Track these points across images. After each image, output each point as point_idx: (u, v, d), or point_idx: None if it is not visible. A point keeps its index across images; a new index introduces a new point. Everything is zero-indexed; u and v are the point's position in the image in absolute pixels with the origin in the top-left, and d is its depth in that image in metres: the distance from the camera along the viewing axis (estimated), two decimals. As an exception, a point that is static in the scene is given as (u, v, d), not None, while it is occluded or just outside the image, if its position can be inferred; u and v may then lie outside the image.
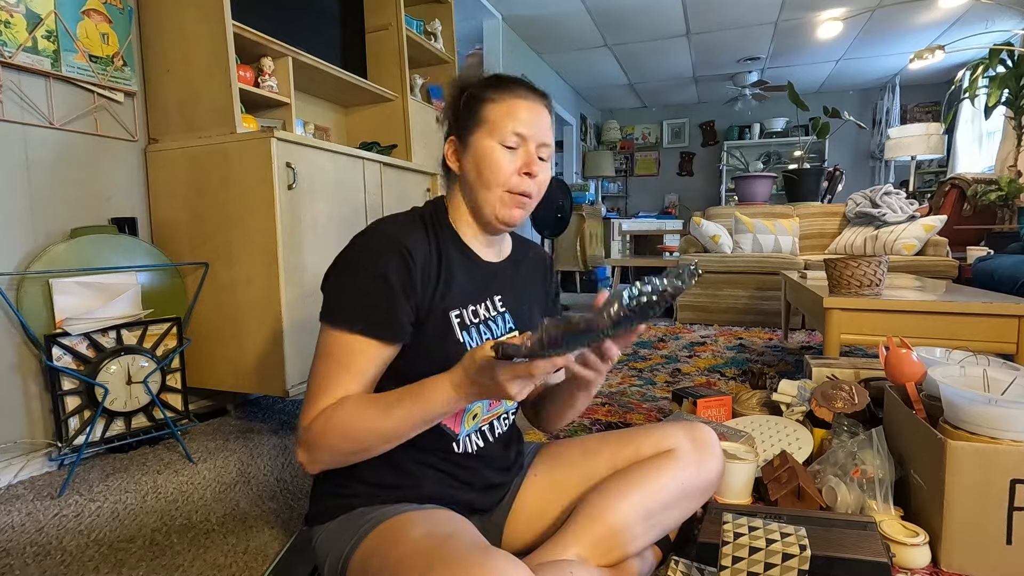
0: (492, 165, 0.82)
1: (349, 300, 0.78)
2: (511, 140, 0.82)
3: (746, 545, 0.71)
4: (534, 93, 0.86)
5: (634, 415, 1.81)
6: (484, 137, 0.82)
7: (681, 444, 0.90)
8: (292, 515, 1.22)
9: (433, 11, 2.92)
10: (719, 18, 4.47)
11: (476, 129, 0.83)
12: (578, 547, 0.79)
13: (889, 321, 1.66)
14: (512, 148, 0.82)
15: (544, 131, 0.85)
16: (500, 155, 0.82)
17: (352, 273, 0.79)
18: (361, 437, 0.73)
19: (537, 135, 0.83)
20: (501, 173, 0.82)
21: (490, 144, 0.82)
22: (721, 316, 3.63)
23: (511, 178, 0.82)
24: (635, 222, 6.53)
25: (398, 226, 0.82)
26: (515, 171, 0.82)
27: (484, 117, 0.83)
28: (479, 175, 0.83)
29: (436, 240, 0.84)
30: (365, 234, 0.81)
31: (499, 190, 0.82)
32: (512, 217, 0.84)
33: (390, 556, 0.69)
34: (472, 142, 0.84)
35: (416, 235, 0.82)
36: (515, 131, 0.82)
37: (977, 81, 3.62)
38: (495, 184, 0.82)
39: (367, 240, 0.80)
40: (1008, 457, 0.91)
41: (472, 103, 0.84)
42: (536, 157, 0.83)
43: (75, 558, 1.07)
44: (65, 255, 1.53)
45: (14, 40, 1.45)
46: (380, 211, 2.07)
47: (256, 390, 1.72)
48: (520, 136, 0.82)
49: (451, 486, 0.85)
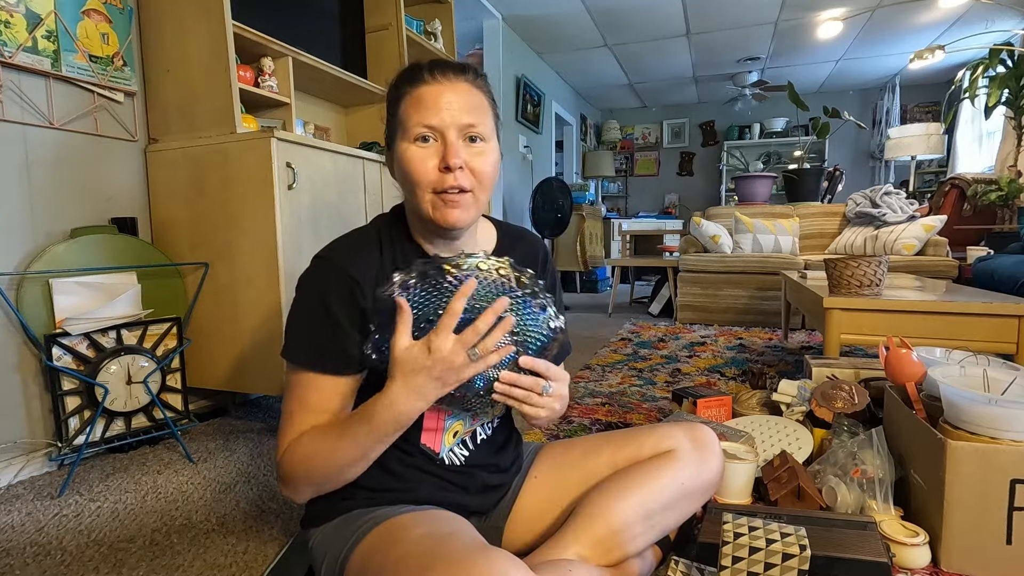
0: (410, 168, 0.75)
1: (297, 335, 0.78)
2: (422, 133, 0.74)
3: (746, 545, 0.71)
4: (444, 70, 0.75)
5: (634, 415, 1.81)
6: (402, 142, 0.76)
7: (681, 444, 0.90)
8: (292, 515, 1.22)
9: (433, 11, 2.92)
10: (719, 18, 4.48)
11: (396, 134, 0.78)
12: (578, 547, 0.79)
13: (889, 321, 1.66)
14: (426, 142, 0.74)
15: (464, 110, 0.74)
16: (413, 155, 0.74)
17: (299, 308, 0.78)
18: (325, 468, 0.74)
19: (452, 119, 0.73)
20: (418, 175, 0.74)
21: (406, 147, 0.75)
22: (721, 316, 3.63)
23: (431, 175, 0.74)
24: (635, 222, 6.54)
25: (347, 251, 0.79)
26: (434, 168, 0.74)
27: (399, 119, 0.77)
28: (405, 182, 0.77)
29: (393, 256, 0.81)
30: (313, 262, 0.79)
31: (425, 193, 0.75)
32: (451, 218, 0.75)
33: (389, 555, 0.69)
34: (396, 149, 0.78)
35: (366, 258, 0.78)
36: (423, 123, 0.73)
37: (977, 81, 3.62)
38: (419, 187, 0.75)
39: (311, 273, 0.78)
40: (1008, 457, 0.91)
41: (391, 107, 0.79)
42: (456, 145, 0.73)
43: (75, 558, 1.07)
44: (65, 255, 1.53)
45: (14, 40, 1.45)
46: (380, 211, 2.05)
47: (256, 390, 1.72)
48: (430, 128, 0.73)
49: (447, 490, 0.84)
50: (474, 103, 0.76)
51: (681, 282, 3.74)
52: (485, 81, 0.81)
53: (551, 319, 0.72)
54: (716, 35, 4.84)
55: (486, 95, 0.79)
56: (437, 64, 0.76)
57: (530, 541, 0.91)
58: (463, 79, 0.76)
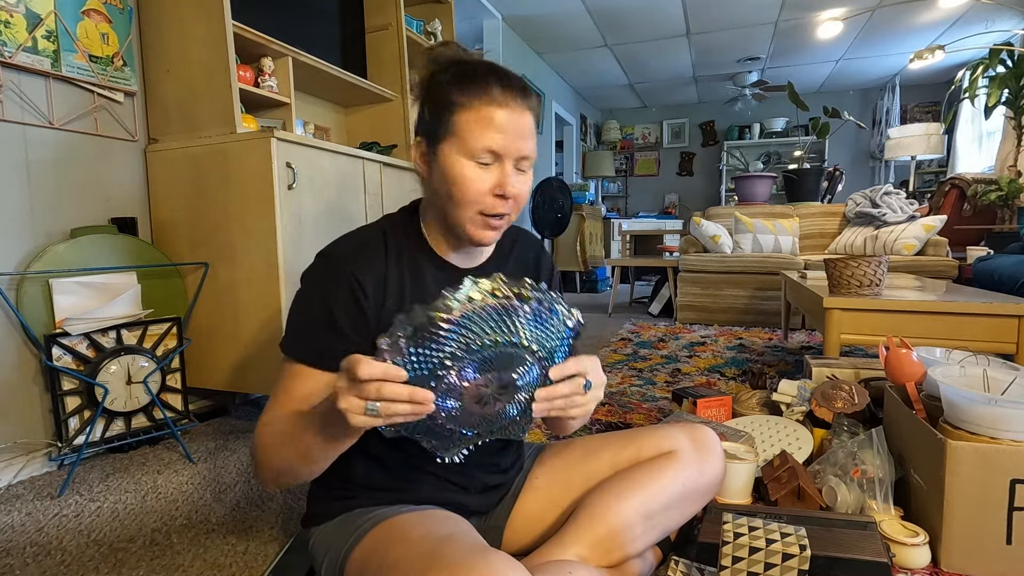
0: (462, 184, 0.73)
1: (294, 327, 0.78)
2: (484, 158, 0.72)
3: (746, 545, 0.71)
4: (512, 93, 0.73)
5: (634, 415, 1.81)
6: (453, 151, 0.73)
7: (682, 445, 0.90)
8: (292, 515, 1.22)
9: (433, 11, 2.92)
10: (719, 18, 4.48)
11: (445, 138, 0.74)
12: (578, 547, 0.79)
13: (889, 321, 1.66)
14: (484, 164, 0.73)
15: (524, 142, 0.74)
16: (471, 174, 0.73)
17: (299, 302, 0.79)
18: (280, 457, 0.72)
19: (515, 149, 0.73)
20: (470, 195, 0.73)
21: (459, 161, 0.73)
22: (721, 316, 3.63)
23: (484, 199, 0.74)
24: (635, 222, 6.53)
25: (352, 250, 0.78)
26: (488, 191, 0.73)
27: (454, 126, 0.73)
28: (448, 193, 0.75)
29: (400, 258, 0.79)
30: (316, 260, 0.79)
31: (470, 211, 0.74)
32: (488, 239, 0.77)
33: (388, 556, 0.69)
34: (440, 152, 0.75)
35: (371, 260, 0.77)
36: (488, 149, 0.72)
37: (977, 81, 3.62)
38: (465, 205, 0.74)
39: (314, 269, 0.79)
40: (1008, 457, 0.91)
41: (440, 102, 0.75)
42: (512, 175, 0.74)
43: (75, 558, 1.07)
44: (65, 255, 1.53)
45: (14, 40, 1.45)
46: (380, 211, 2.07)
47: (256, 390, 1.72)
48: (494, 153, 0.73)
49: (448, 490, 0.84)
50: (529, 130, 0.75)
51: (681, 282, 3.74)
52: (537, 101, 0.79)
53: (566, 317, 0.66)
54: (716, 35, 4.84)
55: (535, 116, 0.78)
56: (505, 82, 0.73)
57: (530, 541, 0.91)
58: (525, 106, 0.74)
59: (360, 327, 0.76)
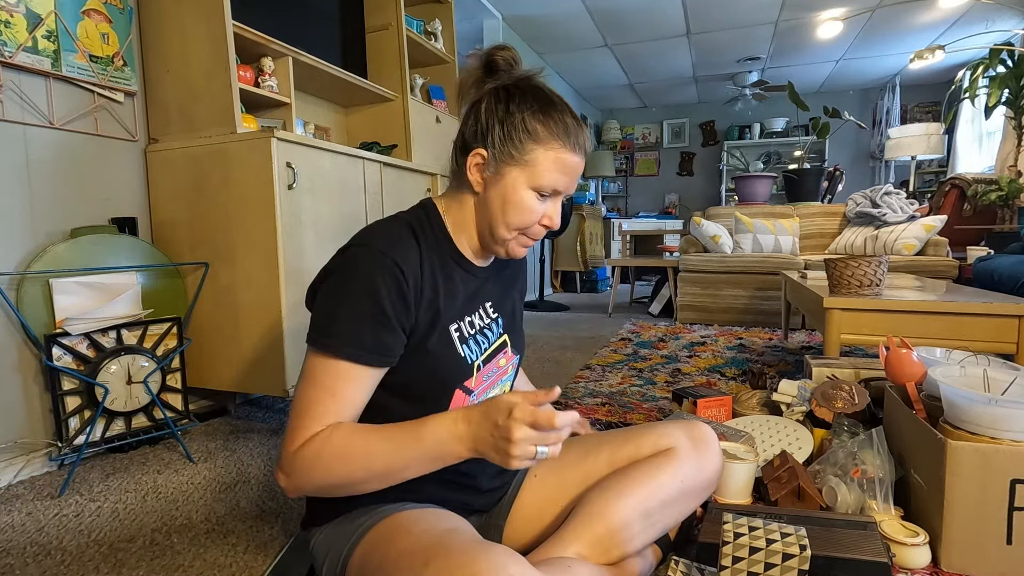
0: (521, 211, 0.78)
1: (337, 324, 0.73)
2: (545, 192, 0.79)
3: (746, 545, 0.71)
4: (584, 142, 0.81)
5: (634, 415, 1.81)
6: (522, 179, 0.78)
7: (680, 442, 0.90)
8: (292, 515, 1.22)
9: (433, 11, 2.92)
10: (719, 18, 4.47)
11: (514, 163, 0.78)
12: (578, 545, 0.79)
13: (889, 321, 1.66)
14: (543, 197, 0.79)
15: (576, 184, 0.83)
16: (531, 204, 0.79)
17: (340, 294, 0.74)
18: (351, 471, 0.69)
19: (570, 189, 0.81)
20: (524, 220, 0.79)
21: (524, 189, 0.78)
22: (721, 316, 3.63)
23: (534, 226, 0.81)
24: (635, 222, 6.53)
25: (389, 241, 0.76)
26: (537, 220, 0.80)
27: (529, 156, 0.77)
28: (502, 212, 0.79)
29: (429, 253, 0.80)
30: (354, 249, 0.76)
31: (516, 232, 0.81)
32: (520, 255, 0.84)
33: (390, 552, 0.69)
34: (505, 173, 0.78)
35: (409, 251, 0.77)
36: (554, 186, 0.78)
37: (977, 81, 3.62)
38: (514, 228, 0.80)
39: (356, 257, 0.75)
40: (1008, 457, 0.91)
41: (520, 129, 0.77)
42: (558, 210, 0.82)
43: (75, 558, 1.07)
44: (65, 255, 1.53)
45: (14, 40, 1.45)
46: (380, 211, 2.07)
47: (256, 390, 1.72)
48: (555, 191, 0.80)
49: (453, 489, 0.85)
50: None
51: (681, 282, 3.74)
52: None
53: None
54: (716, 35, 4.84)
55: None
56: (580, 130, 0.80)
57: (530, 540, 0.91)
58: (584, 159, 0.82)
59: (403, 320, 0.75)
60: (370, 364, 0.73)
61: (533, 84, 0.81)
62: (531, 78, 0.82)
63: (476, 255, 0.86)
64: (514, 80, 0.81)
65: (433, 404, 0.79)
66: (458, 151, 0.82)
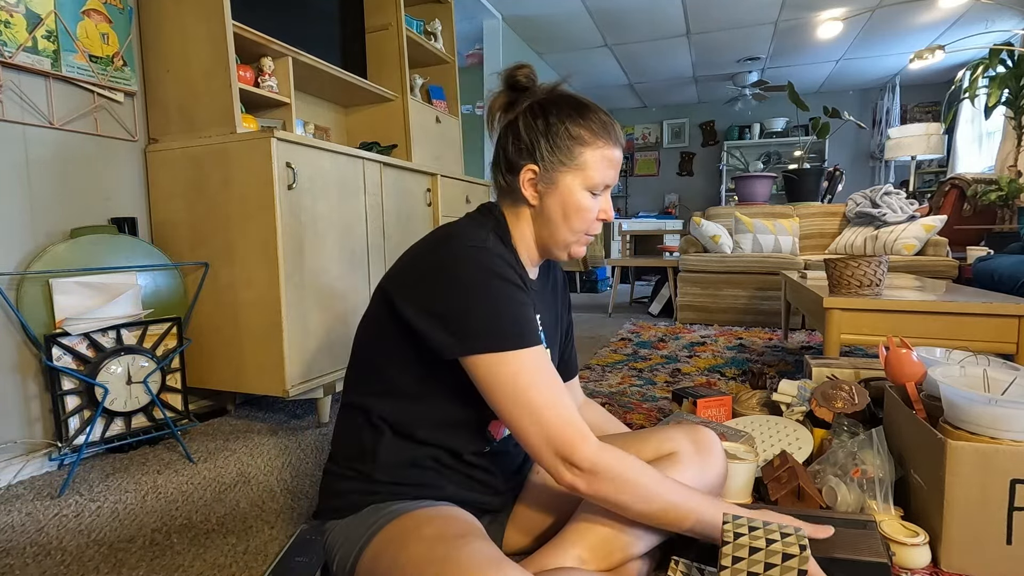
0: (581, 212, 0.83)
1: (502, 319, 0.74)
2: (598, 189, 0.84)
3: (746, 545, 0.71)
4: (620, 138, 0.86)
5: (634, 415, 1.81)
6: (576, 181, 0.83)
7: (683, 447, 0.90)
8: (292, 515, 1.22)
9: (433, 11, 2.92)
10: (719, 18, 4.48)
11: (567, 170, 0.82)
12: (579, 549, 0.79)
13: (889, 321, 1.66)
14: (595, 195, 0.84)
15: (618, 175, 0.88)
16: (589, 203, 0.84)
17: (482, 294, 0.75)
18: (658, 501, 0.75)
19: (615, 181, 0.87)
20: (585, 222, 0.84)
21: (580, 191, 0.83)
22: (721, 316, 3.63)
23: (592, 226, 0.86)
24: (635, 222, 6.54)
25: (492, 243, 0.81)
26: (594, 217, 0.85)
27: (579, 160, 0.82)
28: (565, 218, 0.84)
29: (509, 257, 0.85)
30: (471, 252, 0.77)
31: (579, 234, 0.85)
32: (581, 254, 0.89)
33: (399, 557, 0.69)
34: (559, 181, 0.83)
35: (505, 252, 0.83)
36: (605, 182, 0.84)
37: (977, 81, 3.63)
38: (579, 229, 0.85)
39: (477, 259, 0.76)
40: (1008, 457, 0.91)
41: (567, 136, 0.82)
42: (610, 202, 0.88)
43: (75, 558, 1.07)
44: (65, 255, 1.53)
45: (14, 40, 1.45)
46: (380, 211, 2.07)
47: (256, 390, 1.72)
48: (607, 186, 0.85)
49: (472, 489, 0.86)
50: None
51: (681, 282, 3.74)
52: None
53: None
54: (716, 35, 4.84)
55: None
56: (615, 124, 0.86)
57: (531, 540, 0.91)
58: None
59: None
60: (540, 343, 0.77)
61: (562, 93, 0.85)
62: (558, 88, 0.87)
63: (532, 267, 0.91)
64: (544, 94, 0.85)
65: (480, 406, 0.81)
66: (503, 171, 0.86)
